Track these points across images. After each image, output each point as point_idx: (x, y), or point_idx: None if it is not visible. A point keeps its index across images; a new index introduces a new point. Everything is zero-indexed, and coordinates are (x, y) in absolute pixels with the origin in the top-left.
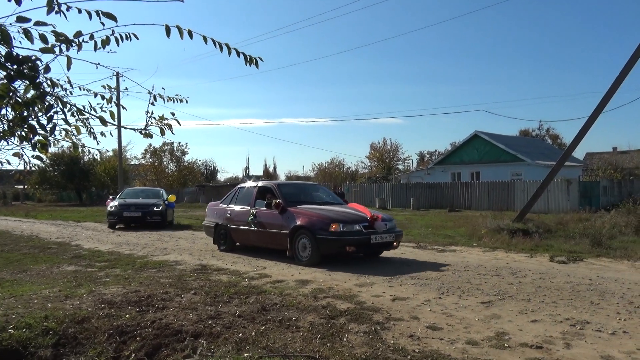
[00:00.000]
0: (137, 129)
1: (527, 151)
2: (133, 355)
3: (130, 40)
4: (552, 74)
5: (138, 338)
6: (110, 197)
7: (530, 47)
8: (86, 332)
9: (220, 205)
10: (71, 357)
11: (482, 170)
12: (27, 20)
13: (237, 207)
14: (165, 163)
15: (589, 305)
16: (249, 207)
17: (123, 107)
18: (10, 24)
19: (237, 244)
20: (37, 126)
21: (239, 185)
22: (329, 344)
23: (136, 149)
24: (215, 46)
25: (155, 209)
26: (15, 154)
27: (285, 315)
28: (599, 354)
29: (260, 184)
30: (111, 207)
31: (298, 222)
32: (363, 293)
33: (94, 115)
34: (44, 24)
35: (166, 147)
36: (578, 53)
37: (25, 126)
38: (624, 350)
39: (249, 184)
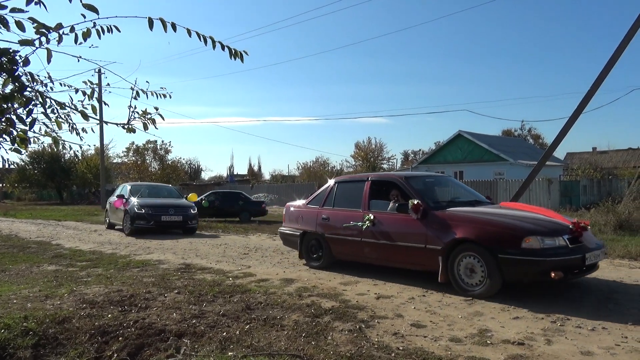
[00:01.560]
0: (120, 124)
1: (509, 151)
2: (115, 355)
3: (112, 32)
4: (534, 74)
5: (120, 338)
6: (118, 196)
7: (513, 48)
8: (67, 332)
9: (309, 206)
10: (52, 357)
11: (465, 169)
12: (3, 7)
13: (339, 210)
14: (148, 161)
15: (569, 302)
16: (361, 210)
17: (105, 104)
18: None
19: (339, 259)
20: (15, 120)
21: (336, 179)
22: (313, 343)
23: (118, 147)
24: (200, 39)
25: (192, 211)
26: None
27: (269, 314)
28: (578, 350)
29: (373, 177)
30: (139, 208)
31: (458, 234)
32: (348, 291)
33: (75, 110)
34: (21, 10)
35: (149, 146)
36: (559, 54)
37: (3, 120)
38: (603, 345)
39: (352, 177)
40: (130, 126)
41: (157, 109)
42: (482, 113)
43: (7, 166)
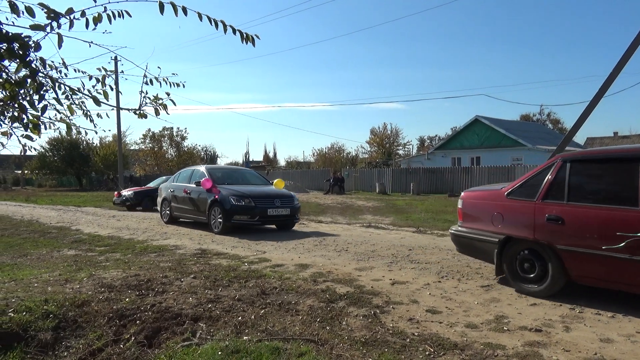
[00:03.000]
0: (132, 110)
1: (527, 136)
2: (133, 338)
3: (123, 17)
4: (553, 58)
5: (138, 321)
6: (199, 181)
7: (532, 31)
8: (86, 315)
9: (513, 198)
10: (71, 340)
11: (482, 155)
12: None
13: (583, 207)
14: (165, 148)
15: (589, 289)
16: (639, 208)
17: (119, 91)
18: None
19: (580, 283)
20: (27, 105)
21: (566, 157)
22: (328, 328)
23: (135, 134)
24: (211, 23)
25: (297, 202)
26: (3, 133)
27: (284, 299)
28: (598, 337)
29: None
30: (237, 199)
31: None
32: (362, 277)
33: (88, 95)
34: None
35: (166, 132)
36: (580, 37)
37: (16, 105)
38: (624, 333)
39: (600, 153)
40: (141, 111)
41: (168, 94)
42: (500, 97)
43: (24, 153)
